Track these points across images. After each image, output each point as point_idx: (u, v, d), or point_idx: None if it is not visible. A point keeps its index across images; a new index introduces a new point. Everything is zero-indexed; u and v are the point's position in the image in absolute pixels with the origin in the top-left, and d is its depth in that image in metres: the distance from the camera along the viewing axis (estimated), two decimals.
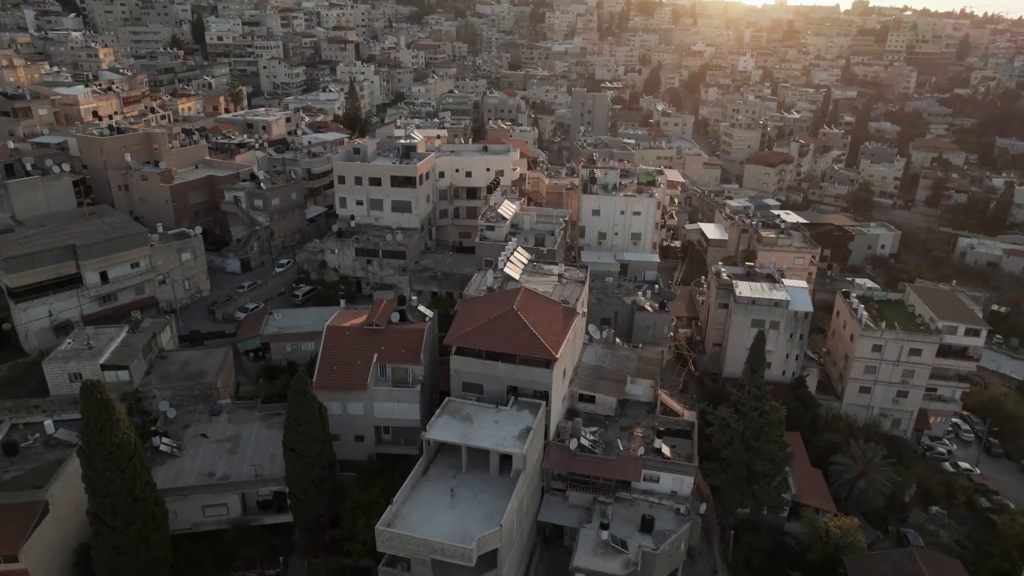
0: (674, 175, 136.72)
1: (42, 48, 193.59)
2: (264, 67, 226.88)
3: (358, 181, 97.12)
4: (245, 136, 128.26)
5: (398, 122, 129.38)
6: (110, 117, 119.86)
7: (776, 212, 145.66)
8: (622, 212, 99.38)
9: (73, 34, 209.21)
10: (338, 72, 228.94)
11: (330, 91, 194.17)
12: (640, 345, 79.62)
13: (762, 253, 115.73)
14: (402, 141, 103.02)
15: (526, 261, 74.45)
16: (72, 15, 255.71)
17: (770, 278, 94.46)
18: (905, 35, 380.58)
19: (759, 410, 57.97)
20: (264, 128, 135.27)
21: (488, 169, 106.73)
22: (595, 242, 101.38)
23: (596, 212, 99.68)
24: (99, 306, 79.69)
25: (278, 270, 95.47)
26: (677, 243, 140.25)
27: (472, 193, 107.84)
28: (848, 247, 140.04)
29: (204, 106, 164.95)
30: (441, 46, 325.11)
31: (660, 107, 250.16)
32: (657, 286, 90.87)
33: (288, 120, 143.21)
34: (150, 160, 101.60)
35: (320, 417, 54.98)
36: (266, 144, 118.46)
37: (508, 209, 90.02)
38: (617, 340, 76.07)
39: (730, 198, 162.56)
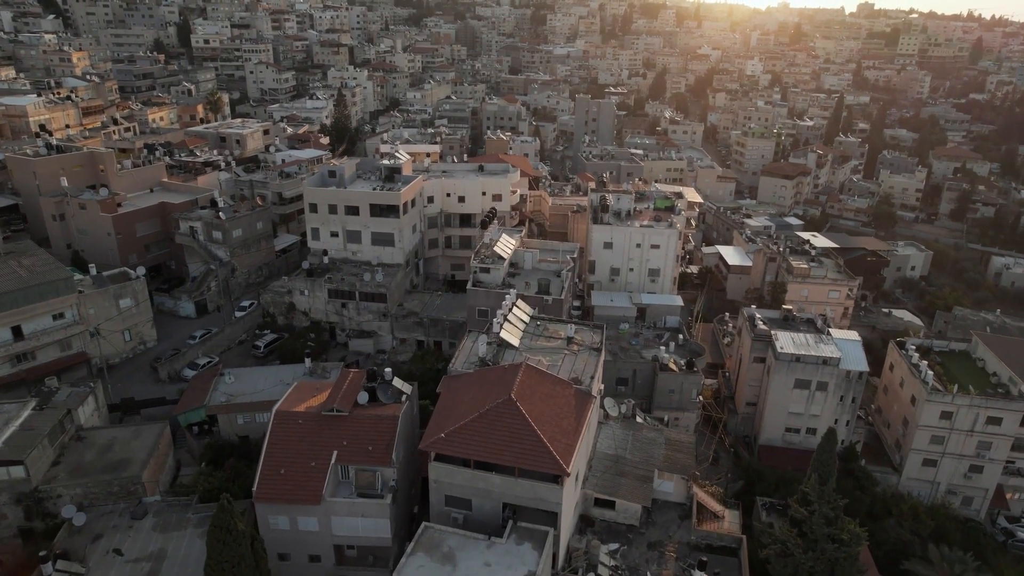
0: (691, 194, 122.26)
1: (11, 52, 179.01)
2: (251, 72, 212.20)
3: (332, 209, 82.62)
4: (215, 152, 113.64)
5: (384, 136, 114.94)
6: (49, 133, 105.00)
7: (801, 234, 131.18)
8: (638, 245, 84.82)
9: (46, 37, 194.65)
10: (329, 77, 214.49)
11: (317, 98, 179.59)
12: (666, 419, 65.21)
13: (792, 286, 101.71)
14: (385, 162, 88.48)
15: (527, 319, 59.89)
16: (52, 17, 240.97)
17: (811, 324, 79.91)
18: (917, 38, 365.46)
19: (834, 539, 43.47)
20: (238, 142, 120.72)
21: (484, 193, 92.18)
22: (607, 278, 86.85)
23: (608, 245, 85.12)
24: (12, 367, 65.25)
25: (239, 314, 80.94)
26: (693, 268, 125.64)
27: (466, 220, 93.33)
28: (882, 273, 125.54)
29: (180, 115, 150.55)
30: (439, 49, 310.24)
31: (668, 114, 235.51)
32: (681, 336, 76.36)
33: (266, 133, 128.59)
34: (95, 184, 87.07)
35: (254, 558, 40.50)
36: (234, 163, 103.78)
37: (506, 246, 75.50)
38: (638, 414, 61.51)
39: (748, 216, 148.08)
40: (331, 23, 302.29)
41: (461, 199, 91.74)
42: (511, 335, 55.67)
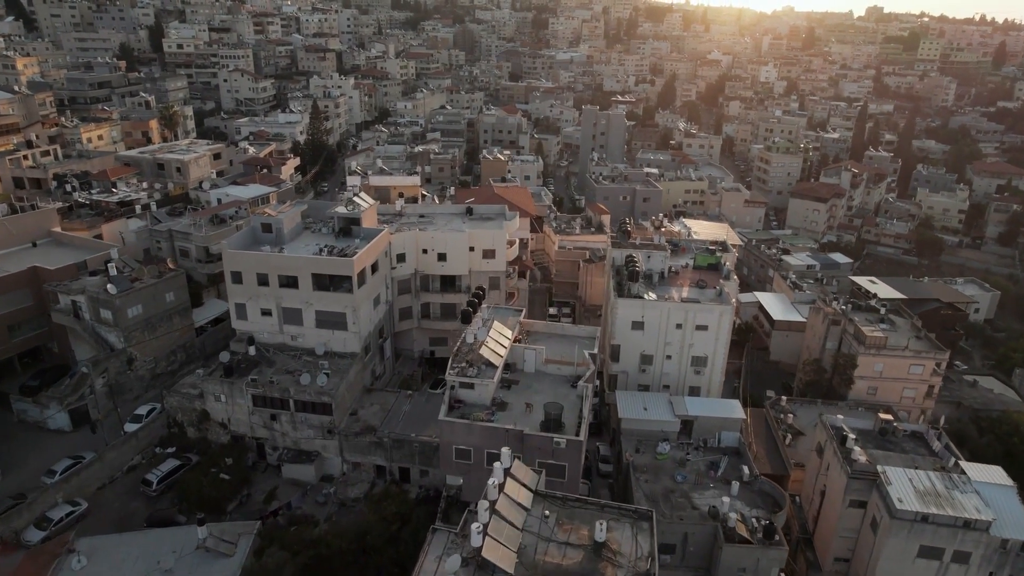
0: (729, 235, 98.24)
1: None
2: (225, 80, 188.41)
3: (262, 280, 59.06)
4: (144, 185, 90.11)
5: (353, 165, 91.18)
6: None
7: (857, 279, 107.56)
8: (679, 325, 61.32)
9: None
10: (312, 86, 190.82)
11: (291, 111, 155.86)
12: None
13: (864, 359, 78.38)
14: (340, 210, 64.90)
15: (528, 500, 36.38)
16: (11, 19, 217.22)
17: (923, 443, 56.58)
18: (937, 43, 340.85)
19: None
20: (179, 170, 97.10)
21: (472, 248, 68.58)
22: (635, 368, 63.34)
23: (638, 325, 61.60)
24: None
25: (131, 427, 57.31)
26: None
27: (449, 283, 69.85)
28: (958, 329, 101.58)
29: (130, 132, 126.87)
30: (435, 55, 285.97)
31: (682, 125, 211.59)
32: (747, 469, 52.70)
33: (217, 157, 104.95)
34: None
35: None
36: (154, 204, 79.99)
37: (499, 342, 51.78)
38: None
39: (786, 251, 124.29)
40: (319, 27, 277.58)
41: (442, 257, 68.14)
42: (501, 552, 32.07)
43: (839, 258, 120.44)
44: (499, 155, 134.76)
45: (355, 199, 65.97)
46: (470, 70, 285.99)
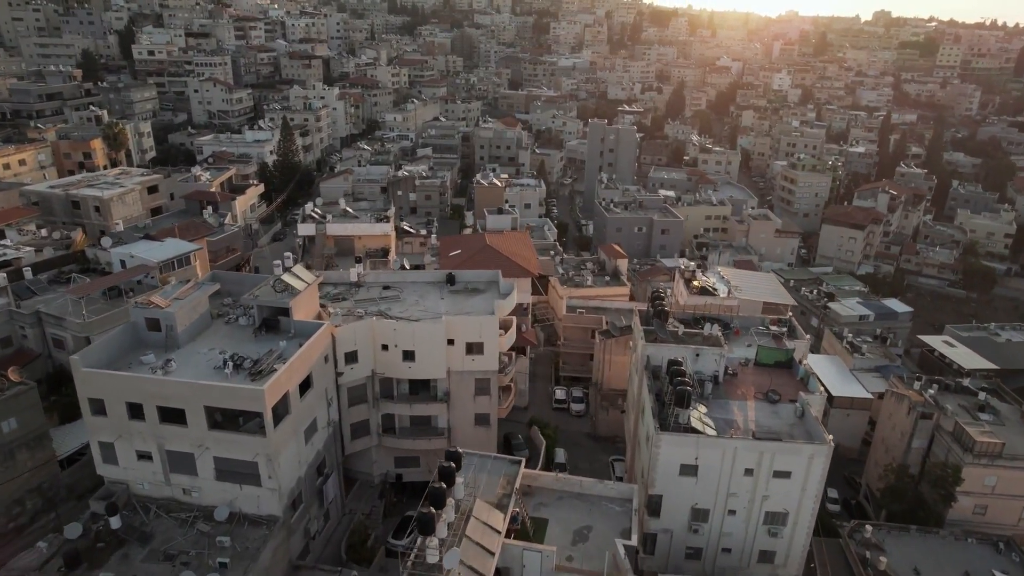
0: (779, 292, 77.57)
1: None
2: (196, 91, 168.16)
3: (135, 412, 38.94)
4: (44, 234, 69.80)
5: (309, 208, 71.18)
6: None
7: (927, 338, 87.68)
8: (748, 471, 41.16)
9: None
10: (291, 97, 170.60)
11: (260, 128, 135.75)
12: None
13: (972, 470, 59.14)
14: (262, 297, 44.66)
15: None
16: None
17: None
18: (958, 49, 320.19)
19: None
20: (97, 210, 76.90)
21: (452, 341, 48.45)
22: (683, 526, 43.18)
23: (689, 470, 41.47)
24: None
25: None
26: None
27: (421, 386, 49.84)
28: None
29: (69, 153, 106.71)
30: (430, 61, 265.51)
31: (695, 138, 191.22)
32: None
33: (152, 190, 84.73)
34: None
35: None
36: (29, 270, 59.51)
37: (482, 551, 31.49)
38: None
39: (831, 296, 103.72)
40: (306, 32, 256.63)
41: (408, 355, 47.95)
42: None
43: (896, 305, 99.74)
44: (495, 180, 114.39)
45: (286, 277, 45.73)
46: (467, 77, 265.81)
